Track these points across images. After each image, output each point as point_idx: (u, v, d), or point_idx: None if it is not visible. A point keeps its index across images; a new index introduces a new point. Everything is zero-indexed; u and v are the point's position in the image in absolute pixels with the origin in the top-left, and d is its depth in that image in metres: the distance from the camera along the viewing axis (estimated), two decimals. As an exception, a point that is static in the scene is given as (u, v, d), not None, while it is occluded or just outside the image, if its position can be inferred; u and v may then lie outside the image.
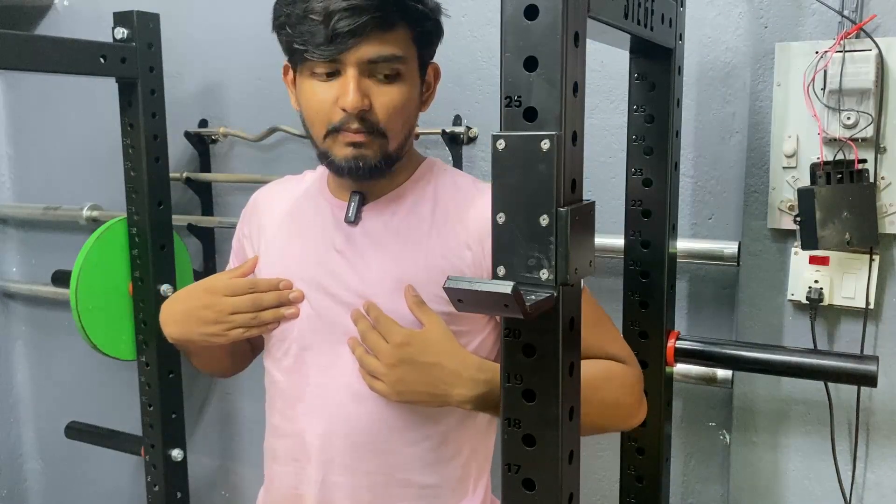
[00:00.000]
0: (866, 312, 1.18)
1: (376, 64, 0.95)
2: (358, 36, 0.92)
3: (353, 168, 0.98)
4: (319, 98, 0.97)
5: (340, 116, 0.96)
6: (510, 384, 0.70)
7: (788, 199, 1.21)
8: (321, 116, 0.97)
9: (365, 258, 1.03)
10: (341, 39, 0.92)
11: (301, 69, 0.99)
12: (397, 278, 1.01)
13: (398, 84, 0.97)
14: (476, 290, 0.63)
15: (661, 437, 1.13)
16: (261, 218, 1.15)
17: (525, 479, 0.70)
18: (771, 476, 1.29)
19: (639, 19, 0.87)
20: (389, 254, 1.03)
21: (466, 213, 1.03)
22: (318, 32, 0.92)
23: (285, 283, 1.05)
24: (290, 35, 0.96)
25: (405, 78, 0.98)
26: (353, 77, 0.94)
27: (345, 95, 0.94)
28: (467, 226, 1.02)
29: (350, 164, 0.97)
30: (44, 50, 1.37)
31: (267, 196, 1.18)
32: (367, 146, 0.97)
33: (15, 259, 2.21)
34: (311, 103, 0.98)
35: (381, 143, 0.98)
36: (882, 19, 1.13)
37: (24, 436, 2.30)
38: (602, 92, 1.40)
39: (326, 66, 0.95)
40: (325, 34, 0.92)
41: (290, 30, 0.96)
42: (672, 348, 1.12)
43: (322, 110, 0.97)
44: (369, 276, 1.02)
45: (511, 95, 0.66)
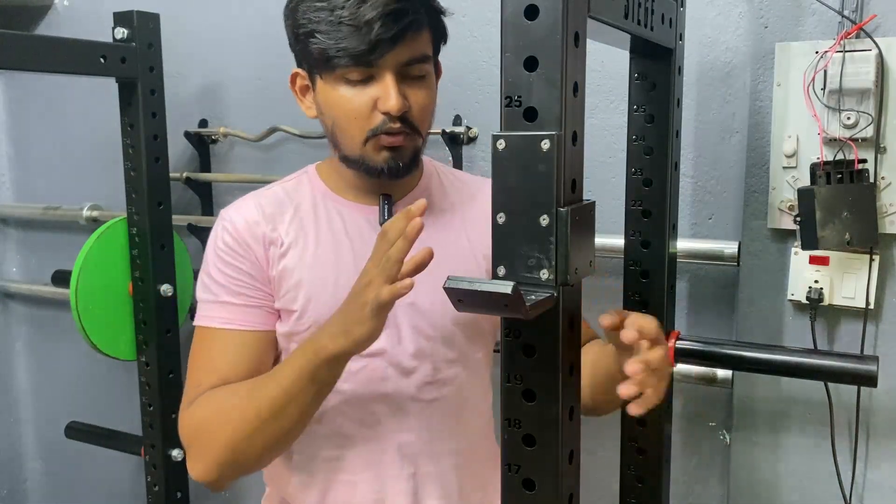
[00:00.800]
0: (866, 312, 1.18)
1: (410, 66, 0.97)
2: (399, 41, 0.94)
3: (392, 169, 0.99)
4: (356, 104, 0.97)
5: (380, 120, 0.97)
6: (510, 384, 0.70)
7: (788, 199, 1.21)
8: (359, 122, 0.97)
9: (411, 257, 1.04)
10: (382, 45, 0.93)
11: (328, 76, 0.98)
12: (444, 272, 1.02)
13: (427, 83, 1.01)
14: (476, 290, 0.63)
15: (661, 437, 1.13)
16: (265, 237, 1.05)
17: (525, 479, 0.70)
18: (771, 476, 1.29)
19: (639, 19, 0.87)
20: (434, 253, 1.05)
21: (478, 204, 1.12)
22: (354, 38, 0.92)
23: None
24: (320, 42, 0.95)
25: (430, 77, 1.02)
26: (393, 80, 0.96)
27: (387, 99, 0.95)
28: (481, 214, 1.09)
29: (389, 164, 0.99)
30: (44, 50, 1.37)
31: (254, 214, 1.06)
32: (404, 148, 0.99)
33: (15, 259, 2.21)
34: (346, 110, 0.98)
35: (416, 142, 1.01)
36: (882, 19, 1.13)
37: (24, 436, 2.30)
38: (602, 92, 1.40)
39: (361, 73, 0.96)
40: (365, 40, 0.92)
41: (321, 37, 0.95)
42: (672, 348, 1.12)
43: (361, 115, 0.97)
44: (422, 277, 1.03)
45: (511, 95, 0.66)
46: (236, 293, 1.04)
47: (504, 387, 0.70)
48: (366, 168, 1.00)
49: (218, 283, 1.04)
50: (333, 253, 1.05)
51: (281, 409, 0.93)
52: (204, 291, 1.06)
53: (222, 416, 0.96)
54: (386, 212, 1.05)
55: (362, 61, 0.94)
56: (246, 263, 1.04)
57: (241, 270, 1.04)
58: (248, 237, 1.04)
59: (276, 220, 1.06)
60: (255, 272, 1.05)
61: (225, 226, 1.06)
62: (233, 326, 1.03)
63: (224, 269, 1.04)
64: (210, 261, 1.06)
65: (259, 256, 1.04)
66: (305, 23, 0.97)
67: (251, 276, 1.04)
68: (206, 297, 1.05)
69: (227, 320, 1.03)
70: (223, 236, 1.05)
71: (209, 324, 1.04)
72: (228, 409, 0.96)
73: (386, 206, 1.06)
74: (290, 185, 1.11)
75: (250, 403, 0.94)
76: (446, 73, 1.55)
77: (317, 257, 1.04)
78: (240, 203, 1.09)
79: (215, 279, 1.04)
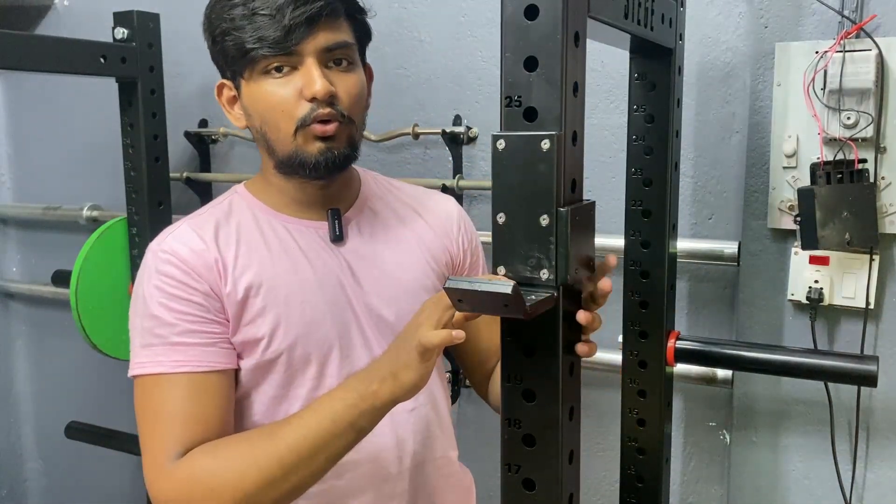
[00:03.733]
0: (866, 312, 1.18)
1: (332, 52, 0.95)
2: (314, 24, 0.92)
3: (328, 160, 0.95)
4: (281, 94, 0.94)
5: (307, 108, 0.94)
6: (510, 384, 0.70)
7: (788, 199, 1.21)
8: (287, 113, 0.94)
9: (369, 273, 1.04)
10: (298, 30, 0.91)
11: (251, 73, 0.95)
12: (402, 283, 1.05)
13: (353, 71, 0.98)
14: (476, 289, 0.63)
15: (661, 437, 1.13)
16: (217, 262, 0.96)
17: (525, 479, 0.70)
18: (771, 476, 1.29)
19: (639, 19, 0.87)
20: (388, 264, 1.05)
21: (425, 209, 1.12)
22: (270, 27, 0.91)
23: None
24: (237, 38, 0.93)
25: (356, 66, 0.99)
26: (315, 64, 0.93)
27: (311, 84, 0.92)
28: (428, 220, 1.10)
29: (324, 156, 0.95)
30: (44, 50, 1.37)
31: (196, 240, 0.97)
32: (338, 136, 0.96)
33: (15, 259, 2.21)
34: (271, 102, 0.95)
35: (349, 130, 0.97)
36: (882, 19, 1.13)
37: (24, 436, 2.30)
38: (602, 92, 1.40)
39: (282, 60, 0.93)
40: (280, 27, 0.91)
41: (237, 33, 0.93)
42: (672, 348, 1.12)
43: (288, 105, 0.94)
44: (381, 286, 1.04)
45: (511, 95, 0.66)
46: (190, 331, 0.93)
47: (504, 387, 0.70)
48: (301, 163, 0.95)
49: (165, 323, 0.92)
50: (294, 273, 0.98)
51: (309, 458, 0.86)
52: (145, 336, 0.93)
53: (236, 464, 0.87)
54: (336, 227, 1.03)
55: (280, 48, 0.92)
56: (198, 295, 0.94)
57: (193, 303, 0.93)
58: (196, 265, 0.94)
59: (222, 244, 0.97)
60: (208, 304, 0.94)
61: (165, 258, 0.95)
62: (190, 369, 0.92)
63: (171, 305, 0.93)
64: (149, 300, 0.93)
65: (213, 285, 0.94)
66: (220, 23, 0.96)
67: (205, 310, 0.94)
68: (149, 342, 0.93)
69: (182, 363, 0.91)
70: (164, 269, 0.94)
71: (157, 370, 0.91)
72: (243, 457, 0.87)
73: (337, 222, 1.03)
74: (223, 206, 1.03)
75: (271, 451, 0.86)
76: (446, 73, 1.55)
77: (276, 279, 0.97)
78: (174, 231, 0.99)
79: (161, 319, 0.92)
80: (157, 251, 0.96)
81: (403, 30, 1.55)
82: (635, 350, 1.12)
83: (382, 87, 1.59)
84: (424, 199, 1.14)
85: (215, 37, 0.98)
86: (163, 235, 0.99)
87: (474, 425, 1.59)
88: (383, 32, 1.57)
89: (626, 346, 1.13)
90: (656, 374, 1.11)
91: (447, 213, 1.14)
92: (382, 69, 1.58)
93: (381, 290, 1.04)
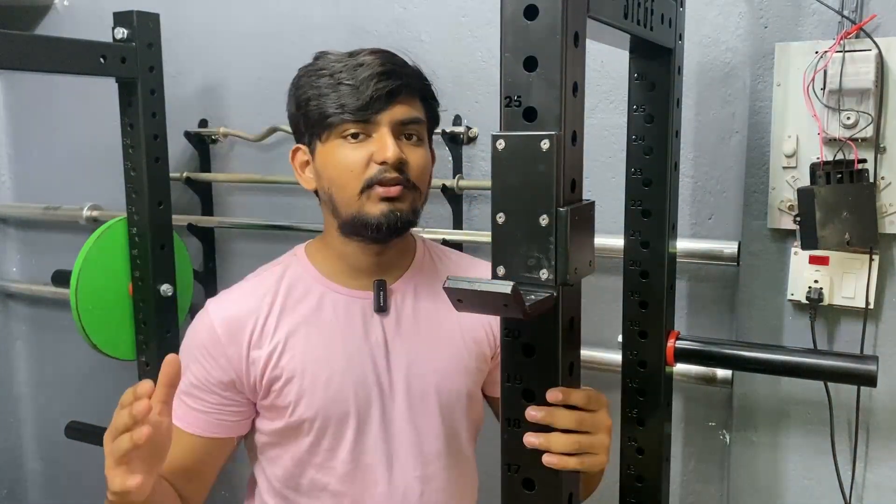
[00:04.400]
0: (866, 312, 1.18)
1: (405, 126, 1.01)
2: (392, 98, 0.99)
3: (390, 221, 0.99)
4: (353, 157, 0.99)
5: (376, 169, 0.99)
6: (510, 384, 0.70)
7: (788, 198, 1.21)
8: (355, 174, 0.99)
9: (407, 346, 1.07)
10: (378, 101, 0.98)
11: (328, 136, 1.01)
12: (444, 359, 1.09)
13: (422, 147, 1.04)
14: (476, 289, 0.63)
15: (661, 437, 1.13)
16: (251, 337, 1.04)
17: (525, 479, 0.70)
18: (771, 476, 1.29)
19: (639, 19, 0.87)
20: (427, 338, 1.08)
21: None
22: (353, 96, 0.98)
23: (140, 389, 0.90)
24: (320, 104, 1.00)
25: (425, 143, 1.05)
26: (388, 134, 0.99)
27: (384, 149, 0.98)
28: None
29: (387, 217, 0.99)
30: (44, 50, 1.36)
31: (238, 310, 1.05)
32: (402, 199, 1.00)
33: (15, 259, 2.21)
34: (343, 163, 1.00)
35: (413, 196, 1.02)
36: (882, 19, 1.13)
37: (24, 436, 2.30)
38: (602, 92, 1.40)
39: (359, 127, 0.99)
40: (362, 97, 0.98)
41: (321, 100, 1.00)
42: (672, 348, 1.12)
43: (357, 168, 0.99)
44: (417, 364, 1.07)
45: (511, 95, 0.66)
46: (193, 396, 1.05)
47: (504, 387, 0.70)
48: (364, 223, 1.00)
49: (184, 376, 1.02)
50: (325, 348, 1.04)
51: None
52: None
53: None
54: (381, 298, 1.06)
55: (359, 115, 0.98)
56: (217, 370, 1.04)
57: (208, 373, 1.04)
58: (225, 339, 1.04)
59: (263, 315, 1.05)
60: (224, 378, 1.04)
61: (206, 321, 1.05)
62: (178, 424, 1.03)
63: (191, 366, 1.05)
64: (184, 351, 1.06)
65: (233, 358, 1.04)
66: (307, 90, 1.02)
67: (218, 383, 1.05)
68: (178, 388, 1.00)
69: (178, 417, 1.04)
70: (201, 332, 1.05)
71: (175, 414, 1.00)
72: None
73: (381, 293, 1.06)
74: (279, 269, 1.10)
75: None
76: (446, 73, 1.55)
77: (307, 353, 1.04)
78: (226, 296, 1.08)
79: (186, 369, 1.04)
80: (206, 311, 1.07)
81: (403, 30, 1.55)
82: (635, 350, 1.12)
83: (382, 87, 1.59)
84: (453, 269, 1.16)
85: (300, 102, 1.04)
86: (219, 296, 1.09)
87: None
88: (383, 32, 1.57)
89: (625, 346, 1.13)
90: (656, 374, 1.12)
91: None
92: (382, 69, 1.58)
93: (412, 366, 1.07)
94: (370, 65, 0.99)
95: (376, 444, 1.05)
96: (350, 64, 1.00)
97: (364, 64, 1.00)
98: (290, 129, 1.10)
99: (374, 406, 1.05)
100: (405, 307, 1.08)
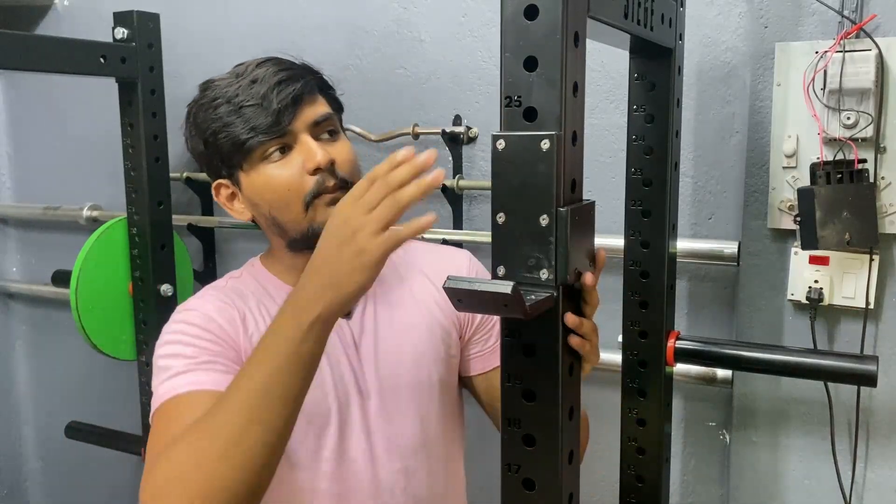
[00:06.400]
0: (866, 312, 1.18)
1: (320, 125, 1.00)
2: (299, 103, 0.97)
3: None
4: (285, 175, 0.97)
5: (313, 182, 0.97)
6: (510, 384, 0.70)
7: (788, 198, 1.21)
8: (294, 192, 0.97)
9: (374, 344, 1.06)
10: (287, 109, 0.96)
11: (250, 163, 0.98)
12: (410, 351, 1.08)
13: (342, 139, 1.03)
14: (476, 290, 0.63)
15: (661, 437, 1.13)
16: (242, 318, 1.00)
17: (525, 479, 0.70)
18: (771, 476, 1.29)
19: (639, 19, 0.87)
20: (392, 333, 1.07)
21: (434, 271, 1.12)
22: (260, 115, 0.96)
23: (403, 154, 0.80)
24: (229, 133, 0.97)
25: (342, 135, 1.04)
26: (309, 139, 0.98)
27: (312, 155, 0.96)
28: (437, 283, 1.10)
29: None
30: (44, 50, 1.37)
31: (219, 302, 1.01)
32: None
33: (15, 259, 2.21)
34: (277, 184, 0.97)
35: None
36: (882, 19, 1.13)
37: (24, 436, 2.30)
38: (602, 92, 1.40)
39: (278, 143, 0.97)
40: (269, 112, 0.96)
41: (228, 129, 0.97)
42: (672, 348, 1.12)
43: (294, 184, 0.97)
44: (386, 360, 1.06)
45: (511, 95, 0.66)
46: (206, 362, 0.93)
47: (504, 387, 0.70)
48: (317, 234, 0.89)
49: (184, 358, 0.93)
50: None
51: (261, 410, 0.78)
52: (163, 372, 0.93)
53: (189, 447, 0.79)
54: None
55: (274, 131, 0.96)
56: (219, 342, 0.96)
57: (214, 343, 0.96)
58: (220, 320, 0.98)
59: (240, 307, 1.01)
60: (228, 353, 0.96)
61: (189, 316, 0.98)
62: (204, 387, 0.90)
63: (193, 343, 0.95)
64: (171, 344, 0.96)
65: (233, 336, 0.98)
66: (209, 124, 0.99)
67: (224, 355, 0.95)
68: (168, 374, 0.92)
69: (198, 383, 0.91)
70: (190, 319, 0.97)
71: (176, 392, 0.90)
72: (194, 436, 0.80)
73: None
74: (242, 279, 1.07)
75: (220, 417, 0.79)
76: (446, 73, 1.55)
77: None
78: (198, 298, 1.03)
79: (180, 355, 0.94)
80: (183, 310, 1.01)
81: (403, 30, 1.55)
82: (635, 350, 1.12)
83: (382, 87, 1.59)
84: (434, 262, 1.14)
85: (206, 139, 1.00)
86: (189, 301, 1.03)
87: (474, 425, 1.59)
88: (383, 32, 1.57)
89: (625, 346, 1.13)
90: (656, 374, 1.12)
91: (457, 269, 1.14)
92: (382, 69, 1.58)
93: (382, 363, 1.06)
94: (264, 78, 0.97)
95: (358, 443, 1.05)
96: (243, 84, 0.98)
97: (258, 79, 0.98)
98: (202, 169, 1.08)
99: (354, 405, 1.04)
100: (368, 305, 1.08)
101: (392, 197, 0.75)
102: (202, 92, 1.03)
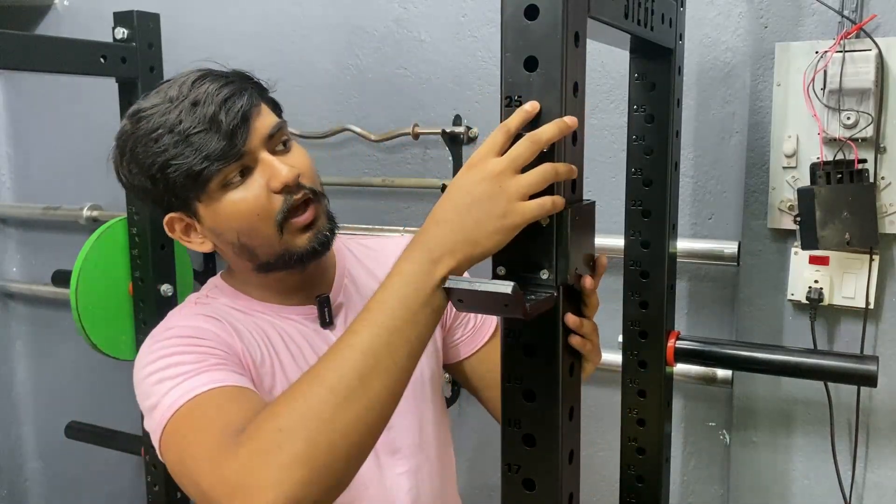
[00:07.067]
0: (866, 312, 1.18)
1: (273, 137, 0.92)
2: (248, 119, 0.89)
3: (320, 241, 0.93)
4: (251, 198, 0.90)
5: (280, 201, 0.90)
6: (510, 384, 0.70)
7: (788, 199, 1.21)
8: (263, 215, 0.90)
9: None
10: (239, 128, 0.88)
11: (206, 194, 0.90)
12: None
13: (296, 147, 0.96)
14: (476, 290, 0.63)
15: (661, 437, 1.13)
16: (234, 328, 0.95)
17: (525, 479, 0.70)
18: (771, 476, 1.29)
19: (639, 19, 0.87)
20: None
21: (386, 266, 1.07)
22: (212, 140, 0.88)
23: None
24: (180, 165, 0.88)
25: (293, 140, 0.98)
26: (269, 156, 0.91)
27: (277, 173, 0.89)
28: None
29: (315, 241, 0.93)
30: (44, 50, 1.36)
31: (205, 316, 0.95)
32: (318, 216, 0.94)
33: (15, 259, 2.21)
34: (245, 209, 0.90)
35: (323, 204, 0.95)
36: (882, 19, 1.13)
37: (24, 436, 2.30)
38: (602, 92, 1.40)
39: (237, 166, 0.89)
40: (221, 135, 0.88)
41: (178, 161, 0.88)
42: (672, 348, 1.12)
43: (262, 207, 0.90)
44: None
45: (511, 95, 0.66)
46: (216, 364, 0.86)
47: (504, 387, 0.70)
48: (295, 257, 0.92)
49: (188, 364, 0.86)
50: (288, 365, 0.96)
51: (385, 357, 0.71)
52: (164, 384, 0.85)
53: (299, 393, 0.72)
54: (326, 314, 1.00)
55: (231, 155, 0.88)
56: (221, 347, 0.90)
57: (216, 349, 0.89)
58: (212, 328, 0.92)
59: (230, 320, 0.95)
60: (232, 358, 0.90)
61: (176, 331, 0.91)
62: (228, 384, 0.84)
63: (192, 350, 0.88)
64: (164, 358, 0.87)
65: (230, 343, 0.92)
66: (152, 158, 0.90)
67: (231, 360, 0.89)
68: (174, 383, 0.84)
69: (219, 380, 0.84)
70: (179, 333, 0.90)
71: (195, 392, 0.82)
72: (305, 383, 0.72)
73: (327, 309, 1.00)
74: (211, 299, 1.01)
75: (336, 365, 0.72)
76: (446, 73, 1.55)
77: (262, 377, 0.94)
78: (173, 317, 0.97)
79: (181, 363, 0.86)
80: (156, 333, 0.93)
81: (403, 30, 1.55)
82: (635, 350, 1.12)
83: (382, 87, 1.59)
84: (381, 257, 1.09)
85: (152, 174, 0.91)
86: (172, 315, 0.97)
87: (474, 425, 1.59)
88: (383, 32, 1.57)
89: (626, 346, 1.13)
90: (656, 374, 1.12)
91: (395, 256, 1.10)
92: (382, 69, 1.58)
93: None
94: (207, 97, 0.89)
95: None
96: (185, 108, 0.89)
97: (200, 100, 0.89)
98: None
99: None
100: (349, 312, 1.04)
101: (553, 167, 0.67)
102: (135, 123, 0.93)
